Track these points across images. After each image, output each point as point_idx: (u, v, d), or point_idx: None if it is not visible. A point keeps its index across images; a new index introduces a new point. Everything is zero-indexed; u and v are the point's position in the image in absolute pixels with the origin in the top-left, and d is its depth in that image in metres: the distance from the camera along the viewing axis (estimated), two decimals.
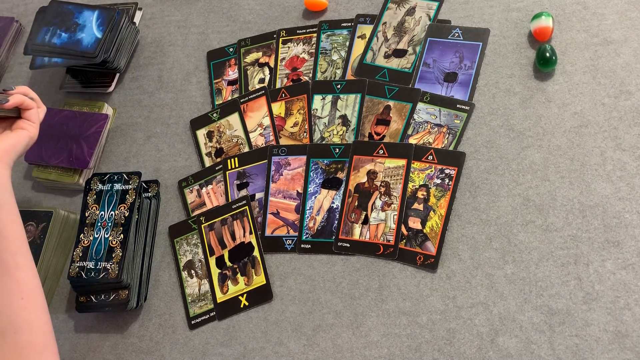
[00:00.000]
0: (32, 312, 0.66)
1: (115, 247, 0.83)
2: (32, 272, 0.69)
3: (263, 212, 0.88)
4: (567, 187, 0.80)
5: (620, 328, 0.70)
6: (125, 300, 0.82)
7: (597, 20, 0.90)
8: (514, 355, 0.72)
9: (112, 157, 1.00)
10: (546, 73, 0.88)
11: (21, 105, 0.78)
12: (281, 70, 1.00)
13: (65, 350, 0.85)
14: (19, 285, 0.66)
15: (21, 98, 0.78)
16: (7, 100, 0.76)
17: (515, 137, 0.85)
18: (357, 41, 0.99)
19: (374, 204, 0.84)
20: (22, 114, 0.79)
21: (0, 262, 0.66)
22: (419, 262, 0.80)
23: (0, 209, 0.68)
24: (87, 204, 0.88)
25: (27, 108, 0.79)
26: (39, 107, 0.82)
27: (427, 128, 0.88)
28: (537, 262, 0.76)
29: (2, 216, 0.68)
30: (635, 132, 0.81)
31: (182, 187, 0.94)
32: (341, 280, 0.81)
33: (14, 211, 0.70)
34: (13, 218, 0.69)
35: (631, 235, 0.75)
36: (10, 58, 1.16)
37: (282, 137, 0.94)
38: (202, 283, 0.86)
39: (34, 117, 0.79)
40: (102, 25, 1.00)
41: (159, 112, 1.03)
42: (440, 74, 0.92)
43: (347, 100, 0.93)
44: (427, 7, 0.98)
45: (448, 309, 0.76)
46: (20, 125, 0.78)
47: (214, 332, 0.82)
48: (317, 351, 0.77)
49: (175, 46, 1.09)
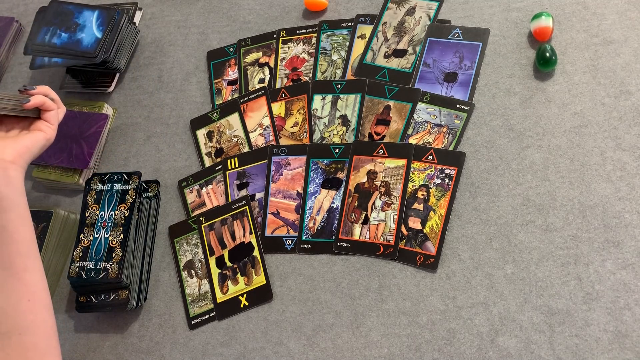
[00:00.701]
0: (37, 315, 0.66)
1: (115, 247, 0.83)
2: (40, 275, 0.68)
3: (263, 212, 0.88)
4: (567, 187, 0.80)
5: (620, 328, 0.70)
6: (125, 300, 0.82)
7: (597, 20, 0.90)
8: (514, 355, 0.72)
9: (112, 157, 1.00)
10: (546, 73, 0.88)
11: (42, 106, 0.77)
12: (281, 70, 1.00)
13: (65, 350, 0.85)
14: (27, 288, 0.66)
15: (42, 99, 0.76)
16: (28, 100, 0.75)
17: (515, 137, 0.85)
18: (357, 41, 0.99)
19: (374, 204, 0.84)
20: (41, 115, 0.78)
21: (10, 264, 0.66)
22: (419, 262, 0.80)
23: (12, 211, 0.67)
24: (87, 204, 0.88)
25: (48, 109, 0.78)
26: (59, 107, 0.80)
27: (427, 128, 0.88)
28: (537, 262, 0.76)
29: (13, 218, 0.67)
30: (635, 132, 0.81)
31: (182, 187, 0.94)
32: (341, 280, 0.81)
33: (26, 214, 0.69)
34: (24, 221, 0.69)
35: (631, 235, 0.75)
36: (10, 58, 1.16)
37: (282, 137, 0.94)
38: (202, 283, 0.86)
39: (54, 119, 0.78)
40: (102, 25, 1.01)
41: (159, 112, 1.03)
42: (440, 74, 0.92)
43: (347, 100, 0.93)
44: (427, 7, 0.98)
45: (448, 309, 0.76)
46: (38, 127, 0.77)
47: (214, 332, 0.82)
48: (317, 351, 0.77)
49: (175, 46, 1.09)
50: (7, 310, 0.64)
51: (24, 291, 0.66)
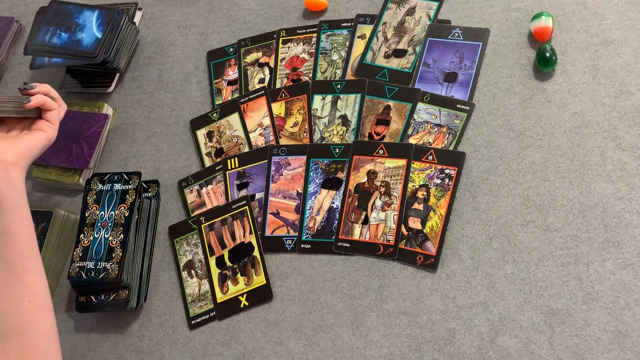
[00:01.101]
0: (38, 315, 0.66)
1: (115, 247, 0.83)
2: (40, 276, 0.68)
3: (263, 212, 0.88)
4: (567, 187, 0.80)
5: (620, 328, 0.70)
6: (125, 300, 0.82)
7: (597, 20, 0.90)
8: (514, 355, 0.72)
9: (112, 157, 1.00)
10: (546, 73, 0.88)
11: (43, 105, 0.76)
12: (281, 70, 1.00)
13: (65, 350, 0.85)
14: (28, 289, 0.66)
15: (43, 99, 0.76)
16: (28, 100, 0.74)
17: (515, 137, 0.85)
18: (357, 41, 0.99)
19: (374, 204, 0.84)
20: (42, 114, 0.77)
21: (11, 265, 0.66)
22: (419, 262, 0.80)
23: (14, 212, 0.67)
24: (87, 204, 0.88)
25: (49, 109, 0.77)
26: (60, 106, 0.80)
27: (427, 128, 0.88)
28: (537, 262, 0.76)
29: (15, 220, 0.67)
30: (635, 132, 0.81)
31: (182, 187, 0.94)
32: (341, 280, 0.81)
33: (27, 215, 0.69)
34: (26, 222, 0.69)
35: (631, 235, 0.75)
36: (10, 58, 1.16)
37: (282, 137, 0.94)
38: (202, 283, 0.86)
39: (55, 118, 0.78)
40: (102, 25, 1.00)
41: (159, 112, 1.03)
42: (440, 74, 0.92)
43: (347, 100, 0.93)
44: (427, 7, 0.98)
45: (448, 309, 0.76)
46: (39, 127, 0.76)
47: (214, 332, 0.82)
48: (317, 351, 0.77)
49: (175, 46, 1.09)
50: (8, 311, 0.64)
51: (25, 292, 0.66)
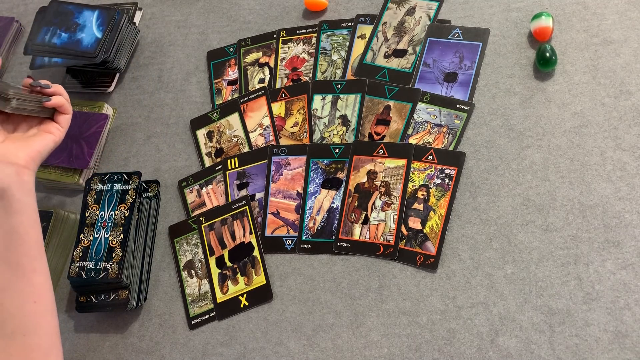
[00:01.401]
0: (42, 316, 0.66)
1: (115, 247, 0.83)
2: (46, 277, 0.69)
3: (263, 212, 0.88)
4: (567, 187, 0.80)
5: (620, 328, 0.70)
6: (125, 300, 0.82)
7: (597, 20, 0.90)
8: (514, 355, 0.72)
9: (112, 157, 1.00)
10: (546, 73, 0.88)
11: (60, 107, 0.76)
12: (281, 70, 1.00)
13: (65, 350, 0.85)
14: (34, 289, 0.66)
15: (62, 100, 0.76)
16: (48, 99, 0.74)
17: (515, 137, 0.85)
18: (357, 41, 0.99)
19: (374, 204, 0.84)
20: (54, 116, 0.77)
21: (18, 265, 0.66)
22: (419, 262, 0.80)
23: (24, 214, 0.68)
24: (87, 204, 0.88)
25: (64, 112, 0.77)
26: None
27: (427, 128, 0.88)
28: (537, 262, 0.76)
29: (25, 221, 0.67)
30: (635, 132, 0.81)
31: (182, 187, 0.94)
32: (341, 280, 0.81)
33: (36, 217, 0.70)
34: (34, 223, 0.69)
35: (631, 235, 0.75)
36: (10, 58, 1.16)
37: (282, 137, 0.94)
38: (202, 283, 0.86)
39: (66, 122, 0.78)
40: (102, 25, 1.00)
41: (159, 112, 1.03)
42: (440, 74, 0.92)
43: (347, 100, 0.93)
44: (427, 7, 0.98)
45: (448, 309, 0.76)
46: (47, 129, 0.76)
47: (214, 332, 0.82)
48: (317, 351, 0.77)
49: (175, 46, 1.09)
50: (13, 311, 0.64)
51: (30, 293, 0.66)
